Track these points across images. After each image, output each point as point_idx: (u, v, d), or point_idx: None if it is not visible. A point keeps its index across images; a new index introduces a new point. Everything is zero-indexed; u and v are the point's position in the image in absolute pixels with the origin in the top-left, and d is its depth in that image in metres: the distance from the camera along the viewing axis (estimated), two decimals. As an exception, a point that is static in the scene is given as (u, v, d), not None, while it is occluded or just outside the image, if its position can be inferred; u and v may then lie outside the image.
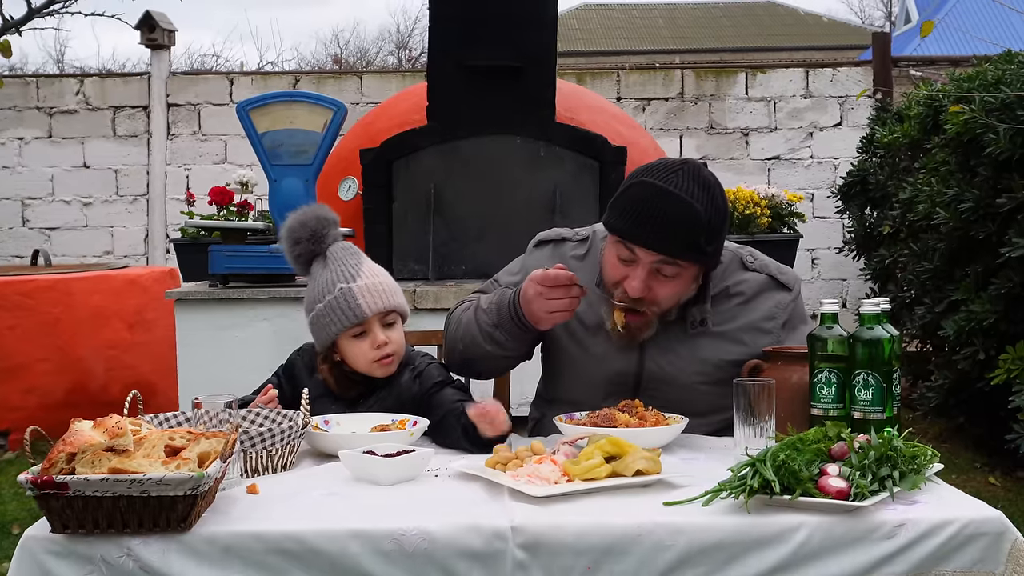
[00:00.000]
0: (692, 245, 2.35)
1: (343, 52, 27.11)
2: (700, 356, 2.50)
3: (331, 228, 2.57)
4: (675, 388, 2.51)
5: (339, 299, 2.50)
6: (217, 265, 4.83)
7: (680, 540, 1.77)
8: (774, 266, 2.61)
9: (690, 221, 2.32)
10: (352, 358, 2.54)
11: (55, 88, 8.57)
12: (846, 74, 8.45)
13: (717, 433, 2.50)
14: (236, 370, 4.64)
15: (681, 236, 2.33)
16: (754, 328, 2.53)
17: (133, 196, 8.57)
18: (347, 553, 1.76)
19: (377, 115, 6.11)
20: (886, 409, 2.16)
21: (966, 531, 1.78)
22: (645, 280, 2.37)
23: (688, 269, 2.40)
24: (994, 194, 4.70)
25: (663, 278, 2.38)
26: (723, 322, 2.52)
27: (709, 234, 2.36)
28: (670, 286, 2.40)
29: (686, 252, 2.36)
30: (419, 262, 5.09)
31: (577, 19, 26.72)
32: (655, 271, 2.37)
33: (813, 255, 8.36)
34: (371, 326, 2.51)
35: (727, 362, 2.49)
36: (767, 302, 2.56)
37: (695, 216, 2.32)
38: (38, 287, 5.88)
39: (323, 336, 2.54)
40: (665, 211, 2.32)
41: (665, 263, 2.36)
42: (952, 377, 5.08)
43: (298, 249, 2.57)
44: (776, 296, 2.57)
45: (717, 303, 2.52)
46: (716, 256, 2.45)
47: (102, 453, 1.78)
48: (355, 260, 2.55)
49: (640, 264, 2.37)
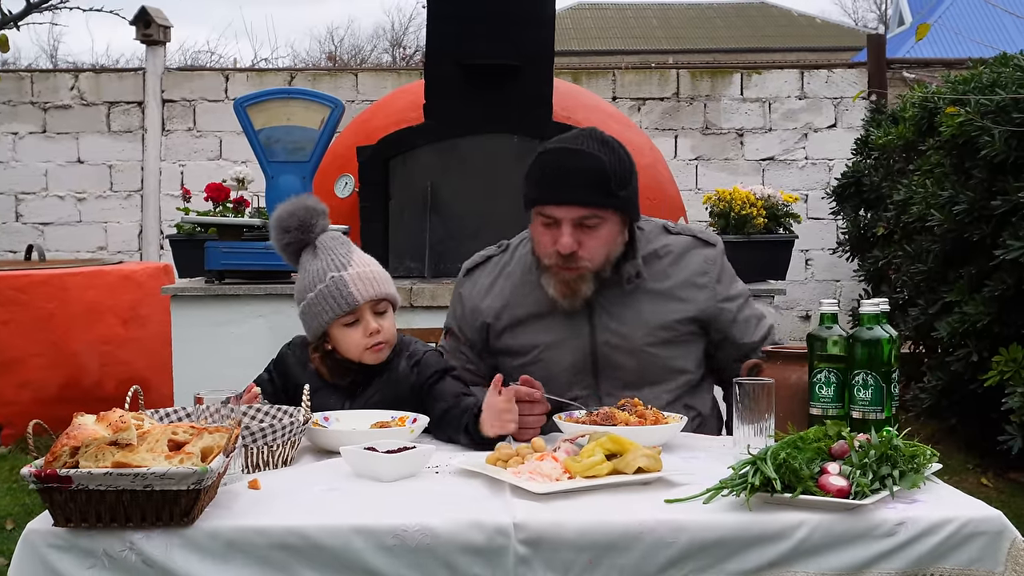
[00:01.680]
0: (603, 191, 2.49)
1: (338, 49, 27.06)
2: (644, 318, 2.60)
3: (320, 218, 2.59)
4: (628, 356, 2.60)
5: (331, 287, 2.51)
6: (213, 261, 4.83)
7: (681, 537, 1.78)
8: (696, 228, 2.79)
9: (595, 169, 2.49)
10: (344, 346, 2.54)
11: (50, 83, 8.55)
12: (841, 75, 8.47)
13: (677, 401, 2.60)
14: (231, 366, 4.62)
15: (590, 184, 2.48)
16: (689, 284, 2.65)
17: (127, 192, 8.56)
18: (350, 548, 1.76)
19: (373, 113, 6.10)
20: (885, 409, 2.17)
21: (965, 530, 1.79)
22: (572, 235, 2.49)
23: (608, 219, 2.52)
24: (988, 196, 4.72)
25: (588, 230, 2.51)
26: (658, 281, 2.64)
27: (617, 180, 2.50)
28: (596, 237, 2.52)
29: (599, 198, 2.49)
30: (415, 260, 5.09)
31: (571, 19, 26.70)
32: (578, 225, 2.50)
33: (807, 256, 8.38)
34: (363, 314, 2.52)
35: (672, 321, 2.62)
36: (696, 258, 2.69)
37: (599, 164, 2.49)
38: (32, 282, 5.87)
39: (315, 324, 2.55)
40: (570, 166, 2.50)
41: (585, 216, 2.49)
42: (945, 378, 5.10)
43: (287, 238, 2.59)
44: (703, 252, 2.69)
45: (649, 264, 2.64)
46: (632, 203, 2.57)
47: (106, 447, 1.79)
48: (345, 249, 2.57)
49: (563, 223, 2.50)
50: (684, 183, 8.01)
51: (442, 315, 2.96)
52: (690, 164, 8.44)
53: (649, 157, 5.93)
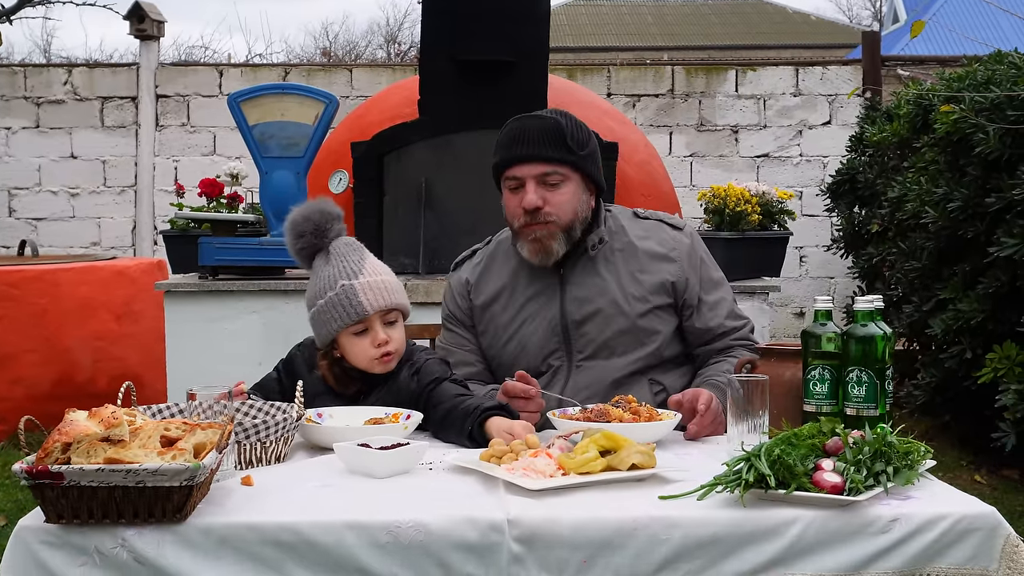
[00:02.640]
0: (561, 147, 2.60)
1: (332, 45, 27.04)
2: (609, 287, 2.67)
3: (334, 223, 2.58)
4: (594, 324, 2.65)
5: (340, 296, 2.49)
6: (207, 257, 4.82)
7: (675, 534, 1.78)
8: (664, 215, 2.83)
9: (553, 128, 2.61)
10: (353, 355, 2.53)
11: (43, 78, 8.53)
12: (836, 72, 8.47)
13: (642, 373, 2.65)
14: (224, 362, 4.63)
15: (549, 141, 2.60)
16: (655, 256, 2.71)
17: (121, 187, 8.54)
18: (343, 544, 1.76)
19: (368, 108, 6.09)
20: (879, 406, 2.17)
21: (959, 526, 1.79)
22: (536, 191, 2.60)
23: (570, 177, 2.62)
24: (983, 193, 4.72)
25: (552, 188, 2.61)
26: (624, 252, 2.71)
27: (575, 139, 2.62)
28: (560, 194, 2.62)
29: (558, 154, 2.60)
30: (410, 256, 5.08)
31: (566, 15, 26.71)
32: (542, 182, 2.61)
33: (801, 253, 8.39)
34: (372, 324, 2.50)
35: (636, 290, 2.67)
36: (664, 235, 2.75)
37: (557, 124, 2.62)
38: (25, 277, 5.86)
39: (324, 332, 2.53)
40: (529, 127, 2.63)
41: (546, 172, 2.60)
42: (939, 376, 5.10)
43: (301, 243, 2.57)
44: (671, 232, 2.76)
45: (616, 238, 2.73)
46: (592, 162, 2.66)
47: (98, 443, 1.78)
48: (358, 256, 2.55)
49: (527, 182, 2.61)
50: (679, 180, 8.01)
51: (437, 311, 2.96)
52: (685, 161, 8.44)
53: (644, 154, 5.92)
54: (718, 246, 4.85)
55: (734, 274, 4.87)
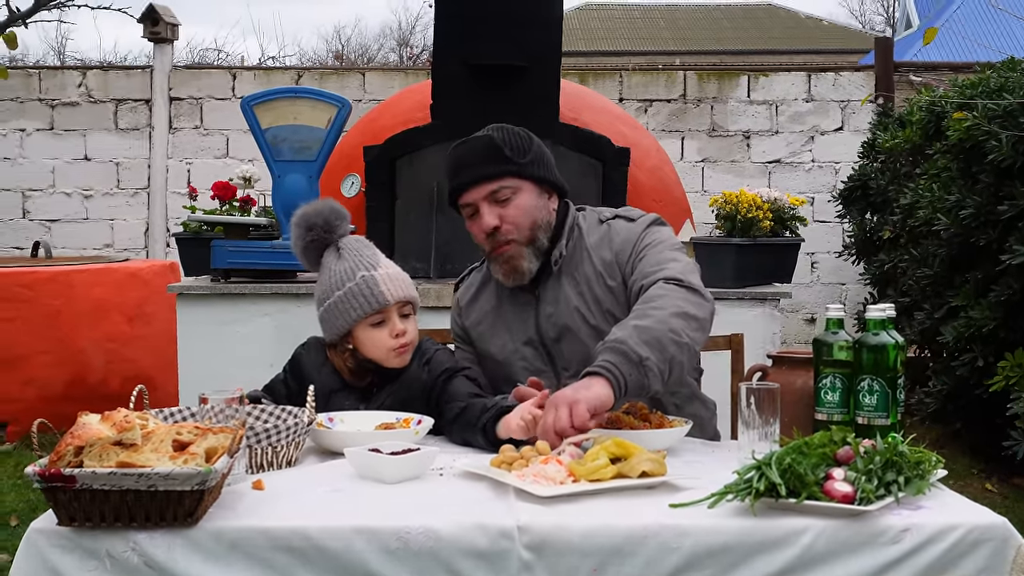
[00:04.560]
0: (499, 160, 2.58)
1: (344, 49, 27.10)
2: (571, 302, 2.61)
3: (343, 222, 2.62)
4: (568, 341, 2.62)
5: (361, 286, 2.52)
6: (219, 260, 4.83)
7: (686, 542, 1.77)
8: (629, 210, 2.78)
9: (486, 144, 2.60)
10: (370, 347, 2.55)
11: (57, 80, 8.56)
12: (848, 78, 8.45)
13: None
14: (236, 365, 4.63)
15: (486, 159, 2.58)
16: (607, 260, 2.63)
17: (134, 189, 8.57)
18: (352, 550, 1.76)
19: (380, 112, 6.10)
20: (890, 415, 2.17)
21: (971, 537, 1.78)
22: (490, 212, 2.58)
23: (519, 187, 2.59)
24: (995, 201, 4.71)
25: (504, 204, 2.59)
26: (585, 262, 2.65)
27: (511, 148, 2.59)
28: (513, 206, 2.59)
29: (499, 168, 2.58)
30: (421, 260, 5.08)
31: (578, 19, 26.71)
32: (493, 201, 2.59)
33: (812, 259, 8.37)
34: (390, 315, 2.54)
35: (595, 299, 2.61)
36: (614, 232, 2.67)
37: (489, 139, 2.61)
38: (38, 279, 5.88)
39: (340, 323, 2.54)
40: (465, 152, 2.62)
41: (493, 190, 2.58)
42: (950, 383, 5.09)
43: (311, 236, 2.59)
44: (624, 226, 2.68)
45: (577, 252, 2.66)
46: (539, 165, 2.63)
47: (110, 447, 1.79)
48: (371, 251, 2.61)
49: (480, 205, 2.59)
50: (690, 185, 8.00)
51: (447, 315, 2.98)
52: (696, 166, 8.43)
53: (655, 159, 5.92)
54: (729, 252, 4.84)
55: (745, 280, 4.87)
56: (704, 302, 2.42)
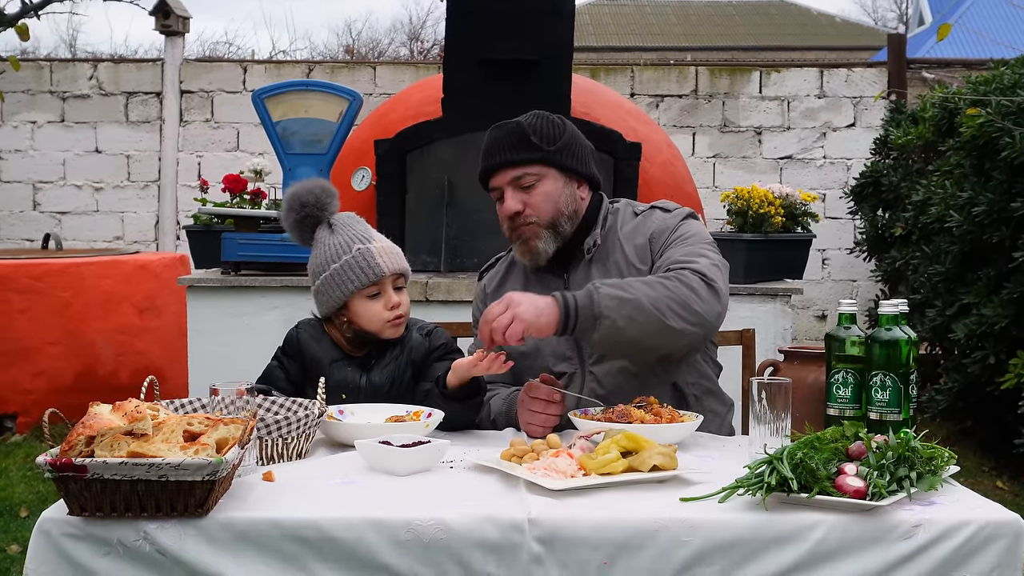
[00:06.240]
0: (527, 146, 2.60)
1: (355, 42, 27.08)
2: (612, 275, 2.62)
3: (333, 199, 2.69)
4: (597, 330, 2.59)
5: (357, 258, 2.58)
6: (230, 252, 4.83)
7: (696, 536, 1.77)
8: (663, 202, 2.79)
9: (514, 130, 2.63)
10: (366, 319, 2.61)
11: (68, 73, 8.57)
12: (860, 75, 8.43)
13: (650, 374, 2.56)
14: (246, 357, 4.62)
15: (514, 145, 2.61)
16: (645, 249, 2.64)
17: (144, 182, 8.58)
18: (364, 541, 1.76)
19: (391, 106, 6.10)
20: (902, 410, 2.16)
21: (983, 533, 1.78)
22: (514, 197, 2.61)
23: (545, 174, 2.62)
24: (1008, 198, 4.69)
25: (528, 190, 2.61)
26: (619, 252, 2.66)
27: (539, 135, 2.61)
28: (537, 193, 2.61)
29: (525, 154, 2.60)
30: (431, 254, 5.08)
31: (590, 14, 26.65)
32: (517, 187, 2.62)
33: (824, 256, 8.35)
34: (385, 287, 2.60)
35: None
36: (649, 222, 2.69)
37: (517, 126, 2.63)
38: (49, 271, 5.90)
39: (336, 295, 2.60)
40: (496, 137, 2.65)
41: (517, 176, 2.61)
42: (961, 380, 5.07)
43: (304, 212, 2.66)
44: (659, 216, 2.71)
45: (612, 241, 2.69)
46: (568, 155, 2.65)
47: (121, 437, 1.79)
48: (363, 226, 2.68)
49: (505, 189, 2.63)
50: (702, 181, 7.99)
51: (457, 309, 2.99)
52: (708, 162, 8.42)
53: (667, 154, 5.91)
54: (741, 248, 4.83)
55: (756, 276, 4.85)
56: (715, 302, 2.45)
